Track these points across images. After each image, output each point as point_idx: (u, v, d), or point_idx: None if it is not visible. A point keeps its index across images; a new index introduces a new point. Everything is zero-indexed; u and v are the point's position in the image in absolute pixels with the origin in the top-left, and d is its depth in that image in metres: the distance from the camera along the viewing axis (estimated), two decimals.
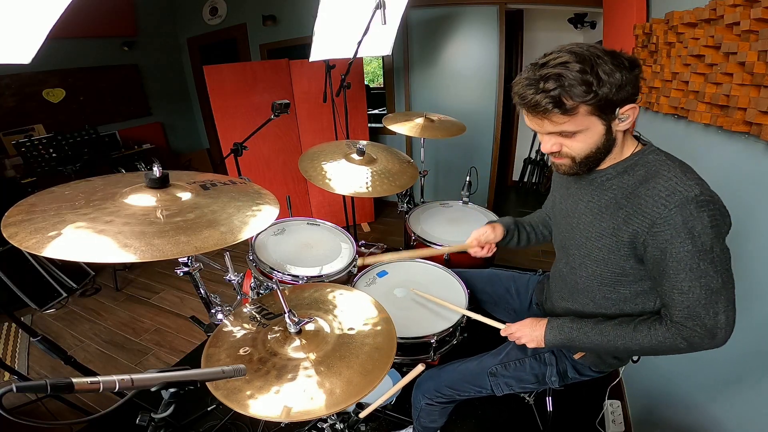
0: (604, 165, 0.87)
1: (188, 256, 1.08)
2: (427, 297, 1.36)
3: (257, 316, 1.06)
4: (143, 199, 0.86)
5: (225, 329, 1.03)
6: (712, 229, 0.72)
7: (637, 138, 0.88)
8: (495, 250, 1.26)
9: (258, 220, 0.90)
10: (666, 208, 0.74)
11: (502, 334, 1.10)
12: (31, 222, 0.74)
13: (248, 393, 0.82)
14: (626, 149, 0.85)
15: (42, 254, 0.68)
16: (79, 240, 0.71)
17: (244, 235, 0.84)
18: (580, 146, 0.81)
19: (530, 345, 1.03)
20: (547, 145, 0.83)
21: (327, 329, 1.00)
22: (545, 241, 1.31)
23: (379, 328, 1.02)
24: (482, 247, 1.25)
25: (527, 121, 0.81)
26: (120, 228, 0.75)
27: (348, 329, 1.01)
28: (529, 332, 1.03)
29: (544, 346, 1.01)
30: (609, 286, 0.93)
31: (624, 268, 0.88)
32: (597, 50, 0.73)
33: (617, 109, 0.75)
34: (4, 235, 0.71)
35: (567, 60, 0.71)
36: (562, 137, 0.80)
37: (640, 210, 0.79)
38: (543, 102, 0.73)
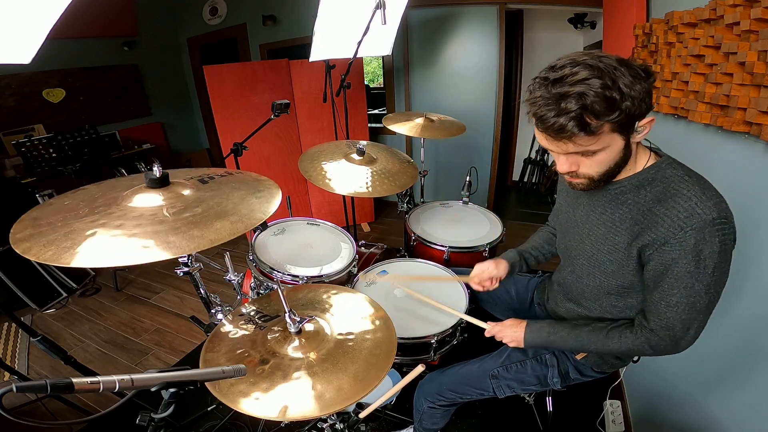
0: (618, 177, 0.84)
1: (188, 256, 1.08)
2: (421, 298, 1.34)
3: (254, 318, 1.06)
4: (147, 200, 0.86)
5: (224, 330, 1.03)
6: (719, 254, 0.72)
7: (648, 147, 0.85)
8: (497, 286, 1.23)
9: (264, 207, 0.91)
10: (682, 230, 0.73)
11: (487, 335, 1.14)
12: (41, 235, 0.75)
13: (249, 393, 0.82)
14: (640, 160, 0.82)
15: (65, 264, 0.68)
16: (96, 247, 0.72)
17: (254, 222, 0.85)
18: (599, 165, 0.77)
19: (511, 344, 1.08)
20: (565, 165, 0.79)
21: (327, 329, 1.00)
22: (551, 256, 1.29)
23: (378, 324, 1.02)
24: (483, 286, 1.22)
25: (544, 142, 0.76)
26: (132, 230, 0.76)
27: (347, 329, 1.01)
28: (510, 332, 1.07)
29: (523, 346, 1.06)
30: (616, 296, 0.93)
31: (633, 282, 0.88)
32: (611, 61, 0.68)
33: (636, 123, 0.72)
34: (18, 251, 0.72)
35: (586, 76, 0.66)
36: (582, 156, 0.76)
37: (655, 228, 0.77)
38: (569, 126, 0.68)
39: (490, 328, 1.12)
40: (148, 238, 0.74)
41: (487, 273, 1.20)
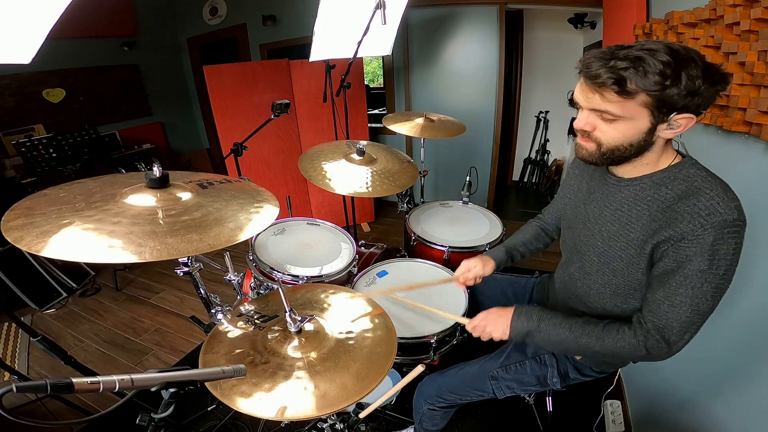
0: (637, 173, 0.84)
1: (188, 256, 1.08)
2: (409, 303, 1.33)
3: (253, 318, 1.06)
4: (144, 200, 0.86)
5: (224, 330, 1.03)
6: (732, 255, 0.72)
7: (676, 150, 0.83)
8: (479, 281, 1.26)
9: (261, 216, 0.91)
10: (702, 227, 0.72)
11: (468, 328, 1.06)
12: (34, 225, 0.73)
13: (251, 394, 0.82)
14: (663, 160, 0.81)
15: (56, 257, 0.67)
16: (90, 241, 0.71)
17: (253, 232, 0.85)
18: (613, 135, 0.76)
19: (495, 335, 0.99)
20: (582, 120, 0.79)
21: (326, 328, 1.00)
22: (537, 252, 1.33)
23: (377, 322, 1.02)
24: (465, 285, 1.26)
25: (577, 93, 0.78)
26: (129, 228, 0.75)
27: (347, 329, 1.01)
28: (494, 319, 0.99)
29: (509, 335, 0.97)
30: (622, 297, 0.92)
31: (641, 282, 0.87)
32: (695, 54, 0.69)
33: (673, 114, 0.71)
34: (9, 240, 0.70)
35: (657, 48, 0.67)
36: (602, 119, 0.76)
37: (673, 224, 0.76)
38: (604, 76, 0.69)
39: (469, 322, 1.05)
40: (146, 237, 0.74)
41: (473, 273, 1.22)
